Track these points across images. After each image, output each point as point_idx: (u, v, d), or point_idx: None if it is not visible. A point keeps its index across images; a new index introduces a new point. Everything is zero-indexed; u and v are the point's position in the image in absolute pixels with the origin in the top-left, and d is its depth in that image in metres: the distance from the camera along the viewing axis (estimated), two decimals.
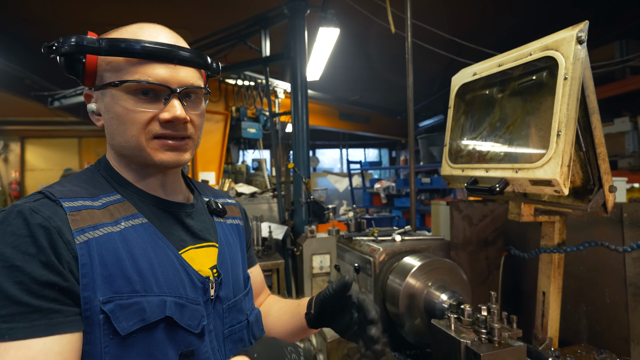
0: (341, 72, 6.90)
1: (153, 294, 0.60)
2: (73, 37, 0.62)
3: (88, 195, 0.63)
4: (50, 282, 0.53)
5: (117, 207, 0.65)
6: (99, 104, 0.68)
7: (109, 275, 0.58)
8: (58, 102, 5.86)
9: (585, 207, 0.96)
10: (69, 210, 0.59)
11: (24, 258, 0.52)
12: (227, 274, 0.75)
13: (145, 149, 0.65)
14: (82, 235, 0.58)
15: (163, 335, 0.60)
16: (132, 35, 0.65)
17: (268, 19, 4.05)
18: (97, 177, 0.69)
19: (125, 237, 0.62)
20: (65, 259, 0.55)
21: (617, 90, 4.45)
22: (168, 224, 0.69)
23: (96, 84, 0.66)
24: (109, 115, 0.66)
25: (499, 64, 1.07)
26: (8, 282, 0.51)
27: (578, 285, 1.37)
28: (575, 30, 0.85)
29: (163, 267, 0.63)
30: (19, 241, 0.53)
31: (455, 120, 1.26)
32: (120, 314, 0.56)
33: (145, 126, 0.64)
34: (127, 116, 0.64)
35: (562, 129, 0.84)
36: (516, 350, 0.84)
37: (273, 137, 4.04)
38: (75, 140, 10.74)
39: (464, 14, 5.21)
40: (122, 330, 0.56)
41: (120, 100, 0.63)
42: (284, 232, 3.17)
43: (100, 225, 0.60)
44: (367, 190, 6.89)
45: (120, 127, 0.65)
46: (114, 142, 0.68)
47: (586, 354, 1.12)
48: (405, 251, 1.44)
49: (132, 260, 0.60)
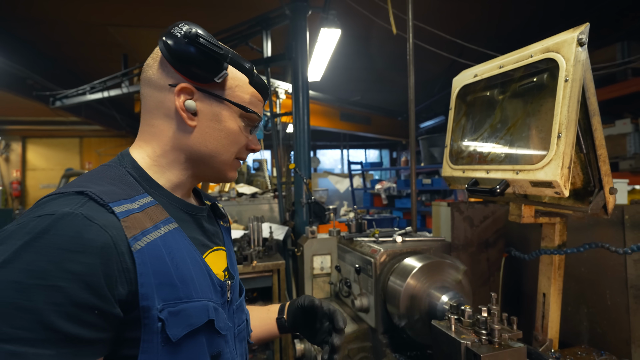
0: (342, 73, 6.91)
1: (194, 300, 0.60)
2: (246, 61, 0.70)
3: (126, 196, 0.60)
4: (90, 305, 0.49)
5: (153, 210, 0.62)
6: (202, 105, 0.67)
7: (160, 283, 0.56)
8: (60, 102, 5.88)
9: (585, 208, 0.96)
10: (122, 217, 0.55)
11: (67, 277, 0.47)
12: (235, 275, 0.78)
13: (229, 163, 0.72)
14: (136, 243, 0.55)
15: (203, 339, 0.61)
16: None
17: (270, 20, 4.06)
18: (125, 175, 0.65)
19: (166, 243, 0.60)
20: (114, 276, 0.51)
21: (618, 92, 4.44)
22: (192, 228, 0.70)
23: (211, 90, 0.67)
24: (218, 125, 0.68)
25: (500, 65, 1.07)
26: (46, 304, 0.46)
27: (579, 287, 1.37)
28: (576, 33, 0.85)
29: (196, 272, 0.64)
30: (65, 257, 0.47)
31: (456, 122, 1.26)
32: (171, 320, 0.56)
33: (240, 148, 0.73)
34: (236, 135, 0.70)
35: (562, 131, 0.84)
36: (516, 351, 0.84)
37: (274, 137, 4.04)
38: (76, 140, 10.78)
39: (466, 15, 5.21)
40: (174, 337, 0.56)
41: (237, 120, 0.70)
42: (284, 232, 3.17)
43: (147, 231, 0.58)
44: (368, 191, 6.89)
45: (224, 140, 0.69)
46: (202, 149, 0.68)
47: (586, 355, 1.12)
48: (406, 252, 1.44)
49: (175, 266, 0.60)
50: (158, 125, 0.68)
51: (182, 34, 0.63)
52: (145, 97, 0.70)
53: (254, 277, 2.60)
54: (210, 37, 0.65)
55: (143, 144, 0.70)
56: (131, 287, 0.53)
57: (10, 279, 0.46)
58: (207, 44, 0.63)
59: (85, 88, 5.54)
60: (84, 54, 6.20)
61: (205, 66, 0.64)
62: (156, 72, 0.68)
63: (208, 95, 0.67)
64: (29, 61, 5.54)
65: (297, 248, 2.08)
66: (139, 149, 0.70)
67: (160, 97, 0.68)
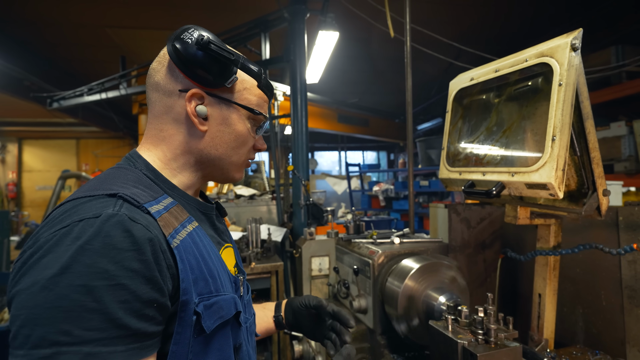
0: (340, 75, 6.94)
1: (223, 293, 0.63)
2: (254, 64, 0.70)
3: (151, 198, 0.60)
4: (151, 299, 0.51)
5: (176, 210, 0.63)
6: (212, 110, 0.69)
7: (195, 278, 0.59)
8: (57, 103, 5.86)
9: (579, 210, 0.98)
10: (157, 217, 0.57)
11: (129, 275, 0.49)
12: (243, 270, 0.81)
13: (239, 165, 0.74)
14: (173, 240, 0.57)
15: (230, 331, 0.65)
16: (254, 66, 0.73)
17: (268, 22, 4.08)
18: (142, 177, 0.65)
19: (194, 240, 0.62)
20: (164, 271, 0.54)
21: (613, 94, 4.49)
22: (207, 226, 0.73)
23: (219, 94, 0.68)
24: (228, 128, 0.70)
25: (496, 69, 1.09)
26: (113, 303, 0.47)
27: (575, 288, 1.38)
28: (569, 38, 0.87)
29: (218, 268, 0.66)
30: (122, 255, 0.49)
31: (453, 124, 1.28)
32: (205, 313, 0.59)
33: (249, 150, 0.75)
34: (245, 137, 0.72)
35: (557, 134, 0.85)
36: (512, 350, 0.85)
37: (272, 139, 4.05)
38: (73, 142, 10.72)
39: (463, 18, 5.25)
40: (208, 329, 0.58)
41: (245, 122, 0.72)
42: (282, 234, 3.17)
43: (177, 229, 0.60)
44: (366, 192, 6.91)
45: (234, 143, 0.71)
46: (212, 152, 0.70)
47: (581, 355, 1.14)
48: (404, 253, 1.45)
49: (204, 262, 0.62)
50: (167, 130, 0.69)
51: (193, 40, 0.63)
52: (152, 101, 0.70)
53: (252, 278, 2.60)
54: (221, 43, 0.65)
55: (152, 147, 0.70)
56: (174, 282, 0.56)
57: (75, 283, 0.46)
58: (218, 50, 0.64)
59: (82, 89, 5.52)
60: (82, 56, 6.18)
61: (216, 72, 0.65)
62: (164, 77, 0.68)
63: (218, 99, 0.69)
64: (26, 62, 5.52)
65: (296, 249, 2.09)
66: (148, 152, 0.69)
67: (169, 102, 0.68)
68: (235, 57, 0.66)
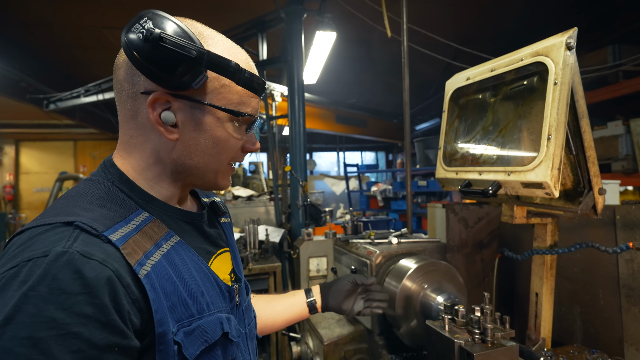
0: (338, 76, 6.94)
1: (207, 314, 0.59)
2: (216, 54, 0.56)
3: (119, 217, 0.54)
4: (110, 345, 0.46)
5: (151, 227, 0.57)
6: (182, 115, 0.58)
7: (172, 305, 0.54)
8: (54, 104, 5.84)
9: (575, 209, 0.98)
10: (120, 244, 0.50)
11: (80, 321, 0.43)
12: (241, 276, 0.76)
13: (219, 172, 0.65)
14: (142, 269, 0.51)
15: (219, 350, 0.60)
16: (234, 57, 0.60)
17: (265, 23, 4.08)
18: (115, 191, 0.59)
19: (170, 261, 0.57)
20: (125, 309, 0.48)
21: (610, 94, 4.50)
22: (193, 237, 0.66)
23: (191, 96, 0.58)
24: (203, 135, 0.60)
25: (492, 69, 1.09)
26: (64, 354, 0.42)
27: (572, 287, 1.38)
28: (564, 37, 0.87)
29: (205, 284, 0.61)
30: (72, 301, 0.43)
31: (449, 124, 1.28)
32: (186, 340, 0.54)
33: (235, 153, 0.65)
34: (226, 142, 0.62)
35: (552, 133, 0.85)
36: (509, 350, 0.85)
37: (270, 140, 4.05)
38: (70, 144, 10.70)
39: (461, 18, 5.27)
40: (190, 356, 0.54)
41: (226, 126, 0.61)
42: (280, 235, 3.17)
43: (149, 253, 0.54)
44: (364, 193, 6.91)
45: (212, 150, 0.61)
46: (187, 161, 0.61)
47: (578, 354, 1.14)
48: (402, 254, 1.45)
49: (183, 284, 0.57)
50: (137, 137, 0.61)
51: (143, 35, 0.52)
52: (119, 103, 0.61)
53: (250, 279, 2.59)
54: (181, 34, 0.54)
55: (125, 155, 0.62)
56: (143, 316, 0.51)
57: (19, 335, 0.41)
58: (174, 47, 0.52)
59: (79, 91, 5.51)
60: (78, 57, 6.17)
61: (180, 72, 0.54)
62: (125, 76, 0.58)
63: (189, 102, 0.58)
64: (23, 64, 5.50)
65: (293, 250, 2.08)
66: (122, 160, 0.63)
67: (134, 105, 0.59)
68: (197, 53, 0.53)
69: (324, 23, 3.71)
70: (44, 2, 4.38)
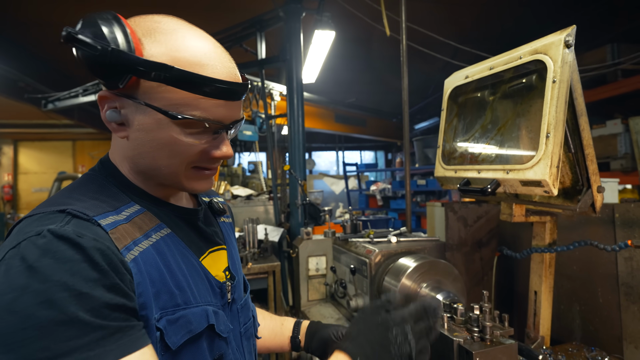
0: (337, 75, 6.93)
1: (193, 305, 0.59)
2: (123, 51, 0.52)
3: (110, 208, 0.57)
4: (119, 305, 0.49)
5: (141, 218, 0.59)
6: (126, 114, 0.58)
7: (157, 291, 0.55)
8: (52, 104, 5.83)
9: (574, 207, 0.98)
10: (109, 229, 0.53)
11: (88, 285, 0.46)
12: (237, 274, 0.76)
13: (179, 176, 0.61)
14: (129, 253, 0.53)
15: (204, 344, 0.60)
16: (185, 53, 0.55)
17: (264, 22, 4.07)
18: (108, 185, 0.62)
19: (159, 250, 0.58)
20: (127, 279, 0.51)
21: (609, 92, 4.51)
22: (186, 232, 0.67)
23: (130, 94, 0.56)
24: (148, 136, 0.57)
25: (490, 67, 1.09)
26: (80, 311, 0.45)
27: (571, 285, 1.38)
28: (563, 35, 0.87)
29: (193, 277, 0.62)
30: (77, 267, 0.47)
31: (448, 123, 1.28)
32: (169, 329, 0.55)
33: (191, 158, 0.59)
34: (174, 147, 0.57)
35: (551, 131, 0.85)
36: (507, 348, 0.85)
37: (269, 139, 4.04)
38: (69, 143, 10.67)
39: (460, 17, 5.27)
40: (173, 345, 0.55)
41: (169, 129, 0.56)
42: (280, 234, 3.17)
43: (137, 240, 0.56)
44: (363, 192, 6.91)
45: (159, 153, 0.58)
46: (140, 162, 0.60)
47: (577, 352, 1.14)
48: (401, 252, 1.45)
49: (171, 273, 0.58)
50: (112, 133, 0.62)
51: (64, 34, 0.51)
52: None
53: (249, 279, 2.58)
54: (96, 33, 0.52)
55: (114, 150, 0.65)
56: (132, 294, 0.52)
57: (36, 301, 0.44)
58: (82, 46, 0.51)
59: (77, 90, 5.49)
60: None
61: (99, 71, 0.53)
62: None
63: (130, 101, 0.56)
64: (21, 63, 5.48)
65: (293, 249, 2.08)
66: (114, 156, 0.65)
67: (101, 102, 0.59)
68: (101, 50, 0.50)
69: (322, 22, 3.70)
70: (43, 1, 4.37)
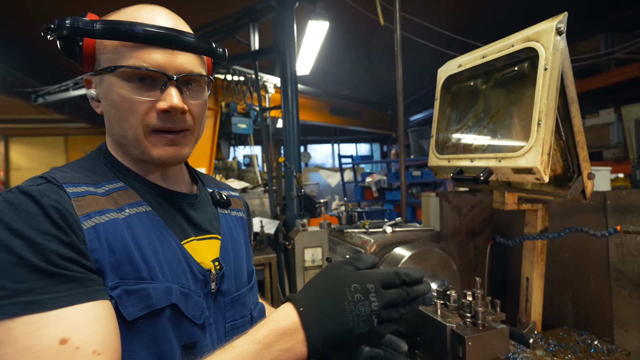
0: (332, 67, 6.88)
1: (158, 282, 0.59)
2: (68, 18, 0.60)
3: (90, 182, 0.62)
4: (75, 260, 0.52)
5: (120, 194, 0.63)
6: (97, 90, 0.66)
7: (117, 261, 0.57)
8: (42, 98, 5.73)
9: (565, 194, 0.99)
10: (73, 196, 0.57)
11: (44, 237, 0.50)
12: (230, 267, 0.73)
13: (142, 141, 0.64)
14: (88, 220, 0.56)
15: (168, 323, 0.59)
16: (129, 17, 0.63)
17: (257, 12, 4.02)
18: (99, 164, 0.67)
19: (130, 224, 0.60)
20: (82, 239, 0.54)
21: (602, 82, 4.53)
22: (171, 214, 0.69)
23: (95, 68, 0.64)
24: (107, 102, 0.64)
25: (483, 55, 1.08)
26: (35, 257, 0.49)
27: (564, 272, 1.41)
28: (554, 22, 0.87)
29: (167, 256, 0.63)
30: (36, 220, 0.51)
31: (441, 112, 1.28)
32: (126, 299, 0.56)
33: (144, 117, 0.62)
34: (123, 104, 0.62)
35: (542, 118, 0.86)
36: (499, 332, 0.87)
37: (264, 132, 4.02)
38: (61, 139, 10.53)
39: (455, 7, 5.23)
40: (129, 316, 0.55)
41: (117, 87, 0.61)
42: (275, 226, 3.18)
43: (106, 210, 0.59)
44: (359, 184, 6.92)
45: (117, 115, 0.63)
46: (112, 131, 0.66)
47: (567, 336, 1.16)
48: (396, 242, 1.46)
49: (138, 247, 0.59)
50: None
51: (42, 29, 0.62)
52: None
53: None
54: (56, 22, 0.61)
55: (108, 135, 0.71)
56: None
57: None
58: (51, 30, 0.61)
59: (68, 84, 5.40)
60: None
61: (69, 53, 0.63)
62: None
63: (98, 78, 0.65)
64: (9, 57, 5.37)
65: (288, 241, 2.09)
66: (107, 140, 0.71)
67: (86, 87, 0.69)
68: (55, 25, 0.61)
69: (316, 12, 3.66)
70: None
